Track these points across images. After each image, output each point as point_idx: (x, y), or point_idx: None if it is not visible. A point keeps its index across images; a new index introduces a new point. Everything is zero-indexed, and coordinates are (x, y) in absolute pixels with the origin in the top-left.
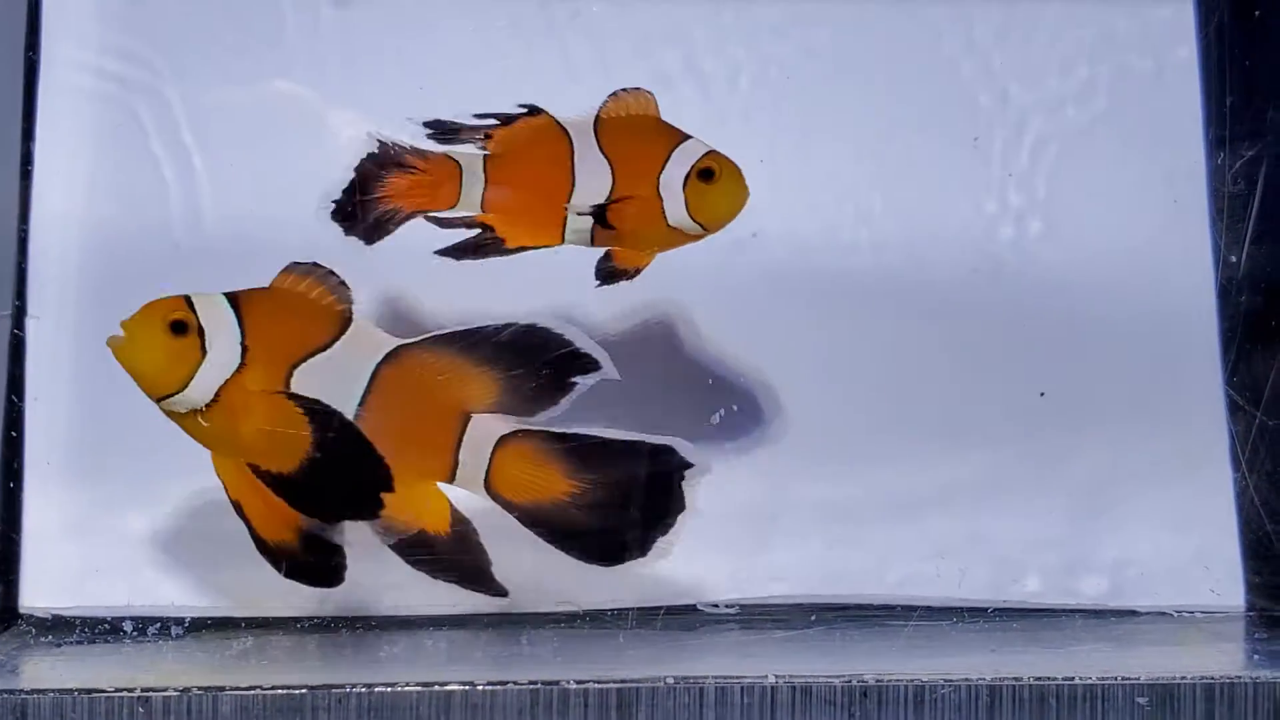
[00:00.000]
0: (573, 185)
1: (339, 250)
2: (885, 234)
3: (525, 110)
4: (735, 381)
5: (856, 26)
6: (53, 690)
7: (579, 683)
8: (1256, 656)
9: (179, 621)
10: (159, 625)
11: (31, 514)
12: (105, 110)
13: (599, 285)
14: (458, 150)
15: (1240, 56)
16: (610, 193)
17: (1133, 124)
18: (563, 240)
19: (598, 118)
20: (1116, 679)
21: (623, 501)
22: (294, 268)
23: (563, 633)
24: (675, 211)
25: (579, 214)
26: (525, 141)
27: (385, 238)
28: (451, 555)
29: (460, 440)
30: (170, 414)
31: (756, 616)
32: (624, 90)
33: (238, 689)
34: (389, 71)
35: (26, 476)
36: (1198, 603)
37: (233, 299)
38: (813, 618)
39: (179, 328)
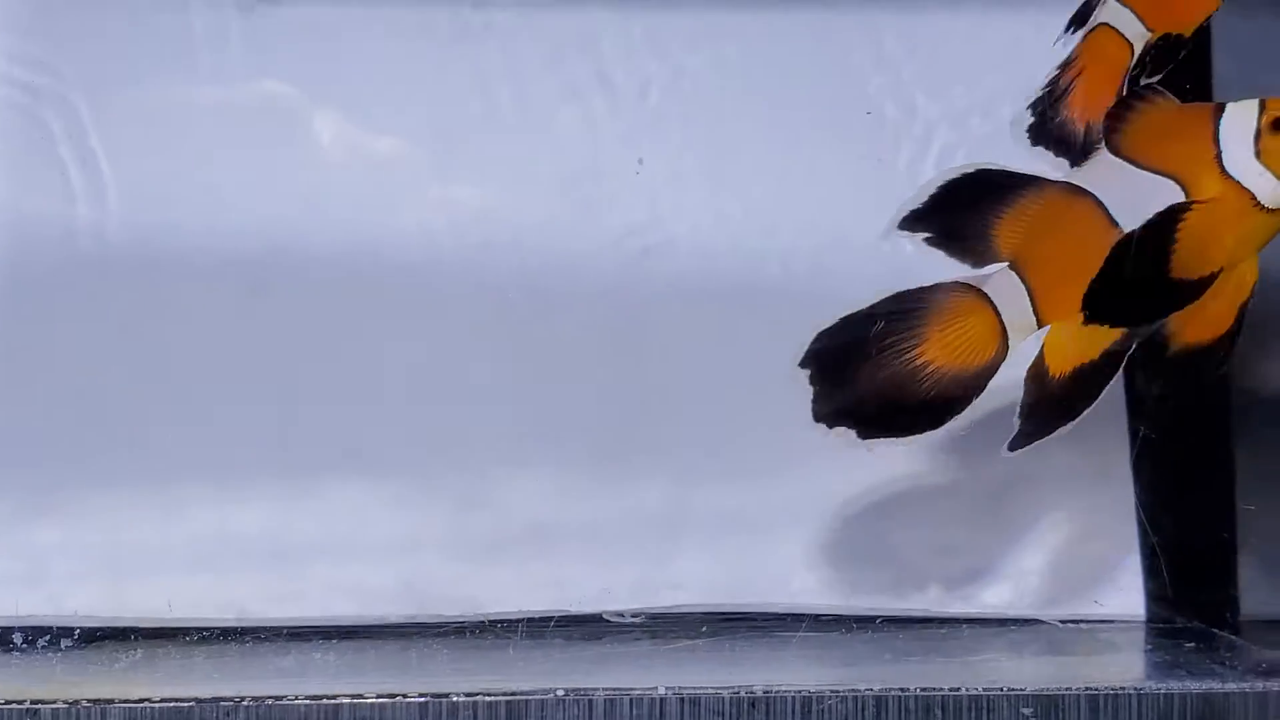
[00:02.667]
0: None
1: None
2: (792, 245)
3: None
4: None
5: (766, 39)
6: None
7: (468, 695)
8: (1150, 666)
9: (69, 633)
10: (49, 637)
11: None
12: (12, 117)
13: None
14: None
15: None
16: None
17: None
18: None
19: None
20: (1002, 689)
21: None
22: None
23: (453, 644)
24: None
25: None
26: None
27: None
28: None
29: None
30: None
31: (662, 625)
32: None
33: (127, 701)
34: (298, 77)
35: None
36: (1099, 612)
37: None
38: (703, 628)
39: None
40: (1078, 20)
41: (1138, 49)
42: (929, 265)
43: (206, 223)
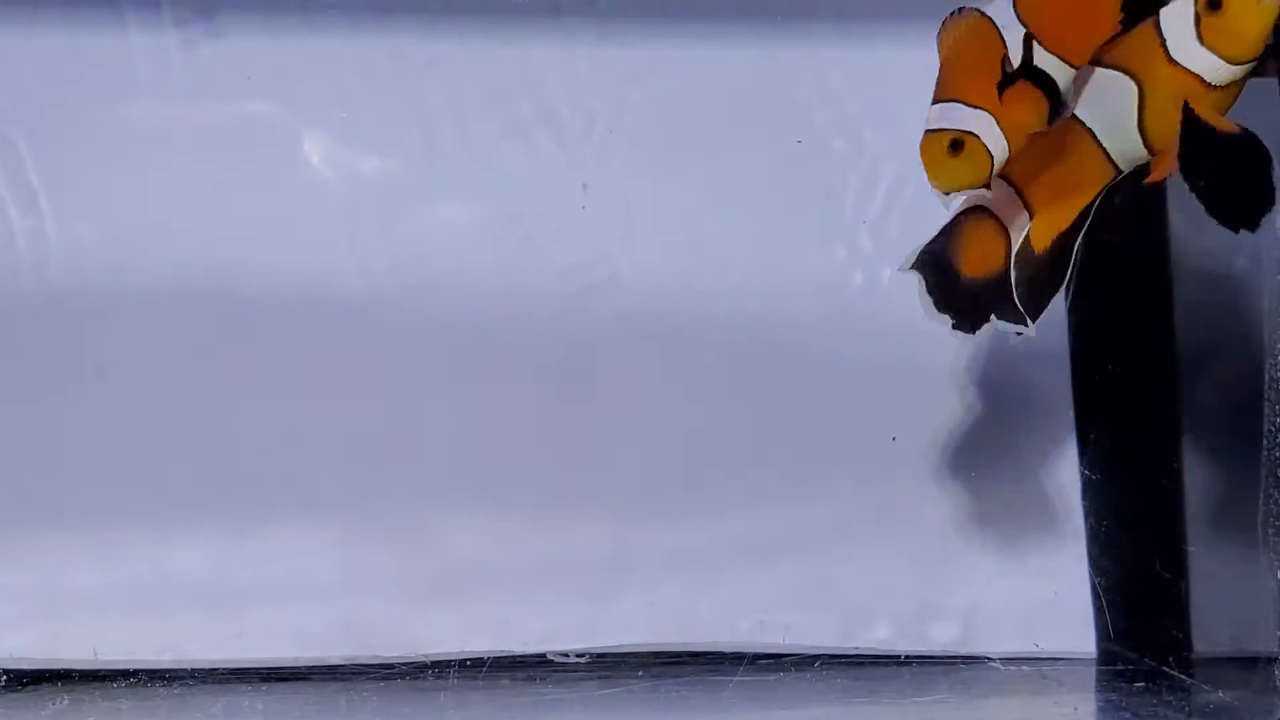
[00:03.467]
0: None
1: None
2: (741, 280)
3: None
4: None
5: (711, 73)
6: None
7: None
8: (1096, 707)
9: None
10: None
11: None
12: None
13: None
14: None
15: None
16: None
17: None
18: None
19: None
20: None
21: None
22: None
23: (391, 686)
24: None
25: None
26: None
27: None
28: None
29: None
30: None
31: (607, 666)
32: None
33: None
34: (240, 109)
35: None
36: (1048, 650)
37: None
38: (639, 672)
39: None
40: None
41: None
42: (877, 299)
43: (142, 258)
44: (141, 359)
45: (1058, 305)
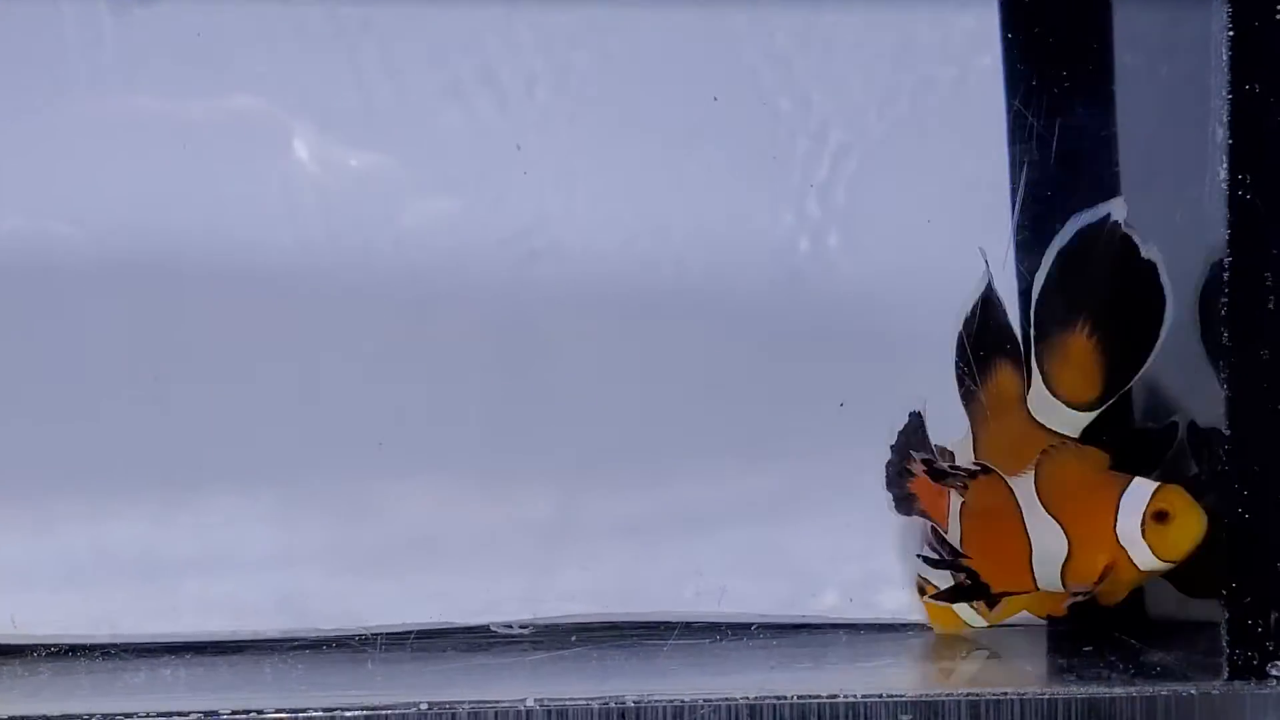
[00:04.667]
0: (1030, 547)
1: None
2: (685, 246)
3: (979, 468)
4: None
5: (655, 34)
6: None
7: (326, 710)
8: (1041, 670)
9: None
10: None
11: None
12: None
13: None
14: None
15: (1044, 65)
16: (1068, 553)
17: (936, 132)
18: (1037, 588)
19: (1036, 476)
20: (881, 695)
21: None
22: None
23: (308, 658)
24: (1143, 558)
25: (1075, 595)
26: (982, 500)
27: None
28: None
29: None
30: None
31: (552, 636)
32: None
33: None
34: (173, 84)
35: None
36: None
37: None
38: (573, 638)
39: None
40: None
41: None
42: (824, 265)
43: (78, 228)
44: (73, 331)
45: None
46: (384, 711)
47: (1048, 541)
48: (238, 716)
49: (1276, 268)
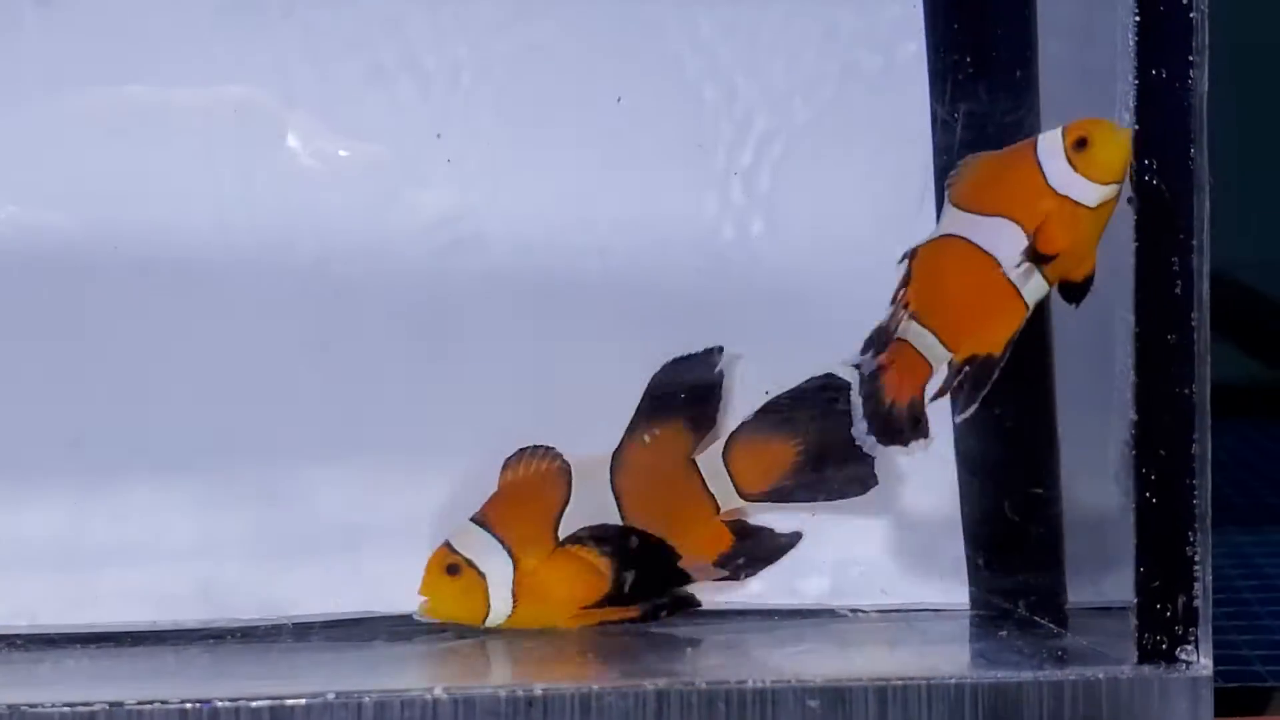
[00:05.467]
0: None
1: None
2: (609, 236)
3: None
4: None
5: (580, 21)
6: None
7: (230, 700)
8: (953, 656)
9: None
10: None
11: None
12: None
13: (1076, 306)
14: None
15: (968, 53)
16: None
17: (860, 119)
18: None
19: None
20: (789, 682)
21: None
22: (508, 464)
23: (213, 649)
24: (1085, 193)
25: (1019, 270)
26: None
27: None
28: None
29: (702, 479)
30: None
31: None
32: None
33: None
34: (93, 57)
35: None
36: (922, 601)
37: (479, 520)
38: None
39: (453, 570)
40: (875, 344)
41: (939, 370)
42: (749, 252)
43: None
44: None
45: None
46: (289, 701)
47: (1002, 241)
48: (143, 707)
49: (1182, 252)
